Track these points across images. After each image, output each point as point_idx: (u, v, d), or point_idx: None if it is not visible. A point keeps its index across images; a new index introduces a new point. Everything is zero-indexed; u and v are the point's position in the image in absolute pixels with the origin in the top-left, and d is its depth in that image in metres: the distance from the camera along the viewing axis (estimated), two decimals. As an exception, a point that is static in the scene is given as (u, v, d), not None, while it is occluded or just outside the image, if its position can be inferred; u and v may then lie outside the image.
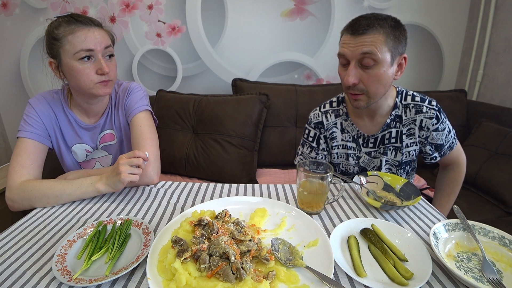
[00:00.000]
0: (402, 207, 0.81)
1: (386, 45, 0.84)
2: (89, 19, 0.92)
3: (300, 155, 1.16)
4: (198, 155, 1.72)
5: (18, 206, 0.86)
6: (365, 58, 0.85)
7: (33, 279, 0.57)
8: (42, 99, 1.01)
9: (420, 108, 0.99)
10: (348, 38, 0.86)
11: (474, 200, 1.53)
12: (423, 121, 0.99)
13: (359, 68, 0.87)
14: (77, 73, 0.90)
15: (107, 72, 0.92)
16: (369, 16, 0.86)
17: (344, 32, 0.89)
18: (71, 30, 0.88)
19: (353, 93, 0.91)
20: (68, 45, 0.88)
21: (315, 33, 2.04)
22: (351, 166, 1.09)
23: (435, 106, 0.99)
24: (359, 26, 0.84)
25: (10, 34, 2.01)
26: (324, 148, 1.11)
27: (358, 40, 0.84)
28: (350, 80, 0.87)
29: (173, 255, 0.56)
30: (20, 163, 0.90)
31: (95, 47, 0.90)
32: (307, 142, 1.13)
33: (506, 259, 0.62)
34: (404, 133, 1.02)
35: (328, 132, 1.08)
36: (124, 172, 0.80)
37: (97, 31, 0.92)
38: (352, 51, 0.85)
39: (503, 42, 1.87)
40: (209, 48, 2.06)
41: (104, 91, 0.95)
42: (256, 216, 0.74)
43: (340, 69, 0.93)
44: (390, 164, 1.06)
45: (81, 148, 1.07)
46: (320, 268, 0.56)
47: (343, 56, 0.89)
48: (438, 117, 0.99)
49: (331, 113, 1.08)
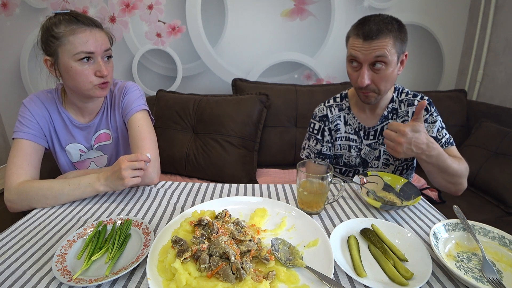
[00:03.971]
0: (402, 207, 0.81)
1: (394, 47, 0.91)
2: (89, 19, 0.91)
3: (307, 148, 1.19)
4: (198, 155, 1.72)
5: (17, 207, 0.86)
6: (377, 61, 0.91)
7: (33, 279, 0.57)
8: (36, 99, 1.00)
9: (412, 102, 1.07)
10: (361, 43, 0.91)
11: (474, 200, 1.53)
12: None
13: (370, 69, 0.93)
14: (76, 74, 0.90)
15: (106, 74, 0.92)
16: (377, 20, 0.91)
17: (354, 36, 0.93)
18: (72, 30, 0.87)
19: (365, 92, 0.97)
20: (69, 45, 0.87)
21: (315, 33, 2.04)
22: (353, 158, 1.14)
23: (427, 100, 1.05)
24: (370, 31, 0.89)
25: (10, 34, 2.01)
26: (329, 140, 1.15)
27: (370, 45, 0.90)
28: (365, 82, 0.93)
29: (173, 255, 0.56)
30: (17, 164, 0.90)
31: (95, 50, 0.89)
32: (312, 135, 1.17)
33: (506, 259, 0.63)
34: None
35: (333, 124, 1.13)
36: (127, 177, 0.80)
37: (98, 32, 0.91)
38: (365, 55, 0.91)
39: (503, 42, 1.87)
40: (209, 48, 2.06)
41: (101, 93, 0.95)
42: (256, 216, 0.74)
43: (350, 70, 0.99)
44: (388, 154, 1.10)
45: (75, 148, 1.07)
46: (320, 268, 0.56)
47: (355, 59, 0.94)
48: (428, 109, 1.05)
49: (335, 107, 1.14)
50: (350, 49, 0.95)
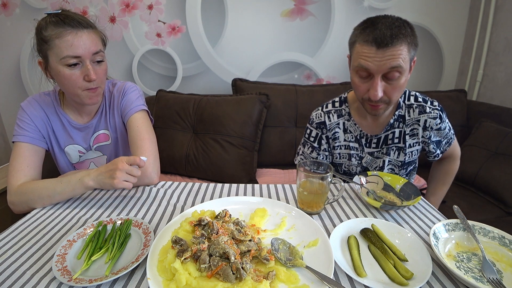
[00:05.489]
0: (402, 207, 0.81)
1: (408, 54, 0.81)
2: (77, 21, 0.86)
3: (301, 155, 1.15)
4: (198, 155, 1.72)
5: (19, 209, 0.87)
6: (391, 72, 0.81)
7: (33, 279, 0.57)
8: (34, 102, 1.00)
9: (423, 109, 0.98)
10: (374, 51, 0.79)
11: (474, 200, 1.53)
12: (427, 121, 0.99)
13: (383, 80, 0.84)
14: (64, 79, 0.88)
15: (94, 79, 0.89)
16: (387, 23, 0.79)
17: (362, 43, 0.82)
18: (58, 33, 0.84)
19: (375, 105, 0.88)
20: (56, 49, 0.85)
21: (315, 33, 2.04)
22: (353, 167, 1.09)
23: (437, 106, 1.00)
24: (384, 37, 0.77)
25: (10, 34, 2.01)
26: (326, 148, 1.09)
27: (384, 53, 0.78)
28: (378, 95, 0.83)
29: (173, 255, 0.56)
30: (16, 167, 0.90)
31: (82, 53, 0.86)
32: (308, 142, 1.11)
33: (506, 259, 0.62)
34: (407, 133, 1.02)
35: (331, 132, 1.07)
36: (119, 178, 0.78)
37: (86, 34, 0.87)
38: (378, 66, 0.80)
39: (503, 42, 1.87)
40: (209, 48, 2.06)
41: (92, 100, 0.93)
42: (256, 216, 0.74)
43: (358, 80, 0.87)
44: (393, 164, 1.06)
45: (74, 149, 1.07)
46: (320, 268, 0.56)
47: (365, 69, 0.83)
48: (441, 117, 0.99)
49: (334, 113, 1.06)
50: (359, 58, 0.82)
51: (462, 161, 1.19)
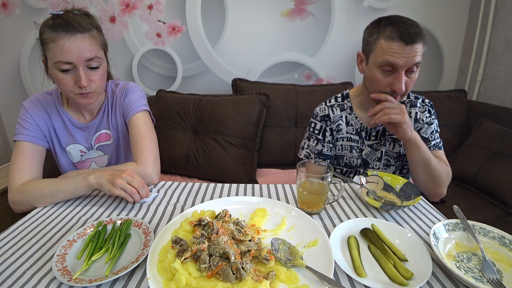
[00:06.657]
0: (402, 207, 0.81)
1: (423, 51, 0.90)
2: (72, 25, 0.83)
3: (306, 148, 1.17)
4: (198, 155, 1.72)
5: (20, 207, 0.87)
6: (412, 66, 0.89)
7: (33, 279, 0.57)
8: (36, 101, 1.00)
9: (414, 104, 1.09)
10: (402, 47, 0.86)
11: (474, 200, 1.53)
12: (417, 113, 1.08)
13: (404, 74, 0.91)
14: (58, 82, 0.89)
15: (84, 86, 0.87)
16: (408, 22, 0.88)
17: (389, 40, 0.88)
18: (52, 37, 0.83)
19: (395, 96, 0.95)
20: (50, 53, 0.85)
21: (315, 33, 2.04)
22: (354, 159, 1.13)
23: (428, 102, 1.09)
24: (410, 34, 0.85)
25: (10, 34, 2.00)
26: (330, 140, 1.13)
27: (412, 49, 0.86)
28: (403, 88, 0.90)
29: (173, 255, 0.56)
30: (18, 166, 0.91)
31: (74, 60, 0.84)
32: (313, 135, 1.15)
33: (506, 259, 0.63)
34: None
35: (335, 124, 1.12)
36: (118, 185, 0.79)
37: (80, 40, 0.84)
38: (405, 61, 0.87)
39: (503, 42, 1.87)
40: (209, 48, 2.06)
41: (85, 101, 0.92)
42: (256, 216, 0.74)
43: (381, 75, 0.93)
44: (389, 155, 1.11)
45: (75, 149, 1.07)
46: (320, 268, 0.56)
47: (391, 65, 0.89)
48: (430, 111, 1.08)
49: (337, 107, 1.13)
50: (386, 55, 0.88)
51: (462, 161, 1.19)
